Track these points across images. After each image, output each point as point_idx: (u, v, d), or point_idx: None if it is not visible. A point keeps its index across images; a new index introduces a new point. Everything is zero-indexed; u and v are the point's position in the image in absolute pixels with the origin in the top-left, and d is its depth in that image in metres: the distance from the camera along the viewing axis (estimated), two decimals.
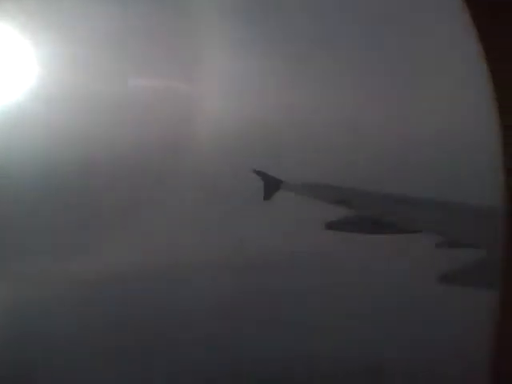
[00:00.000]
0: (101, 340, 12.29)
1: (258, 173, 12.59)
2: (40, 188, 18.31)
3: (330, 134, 20.97)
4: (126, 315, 13.91)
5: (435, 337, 12.01)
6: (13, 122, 19.67)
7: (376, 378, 11.36)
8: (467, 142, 19.43)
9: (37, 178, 18.67)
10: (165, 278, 15.68)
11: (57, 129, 19.95)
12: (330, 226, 8.81)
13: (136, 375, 11.65)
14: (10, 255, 15.91)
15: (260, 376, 11.50)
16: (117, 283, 15.12)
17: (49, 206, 18.03)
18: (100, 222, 18.15)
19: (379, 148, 20.16)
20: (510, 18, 1.39)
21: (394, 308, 13.53)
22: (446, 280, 5.80)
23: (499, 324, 1.70)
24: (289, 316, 13.87)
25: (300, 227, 16.50)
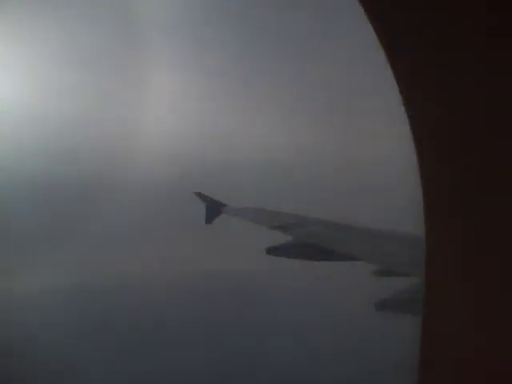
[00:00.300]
0: None
1: (200, 195, 12.59)
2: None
3: (271, 159, 21.33)
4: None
5: (368, 359, 12.29)
6: None
7: None
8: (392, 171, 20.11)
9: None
10: (99, 296, 15.56)
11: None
12: (270, 251, 8.91)
13: None
14: None
15: None
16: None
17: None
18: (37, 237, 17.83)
19: (317, 174, 20.59)
20: None
21: (329, 332, 13.75)
22: (381, 307, 5.98)
23: (422, 349, 1.81)
24: (221, 338, 13.92)
25: (240, 251, 16.57)
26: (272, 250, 8.86)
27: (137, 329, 14.37)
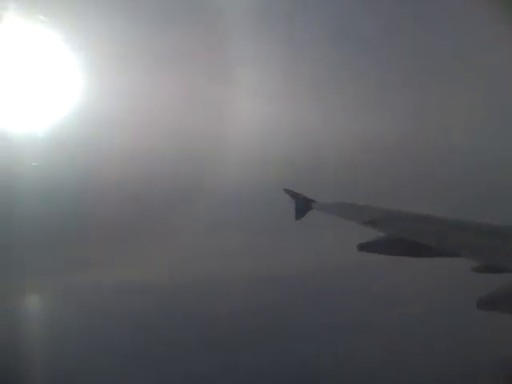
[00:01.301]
0: None
1: (289, 192, 12.51)
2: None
3: (363, 153, 20.86)
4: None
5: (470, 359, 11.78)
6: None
7: None
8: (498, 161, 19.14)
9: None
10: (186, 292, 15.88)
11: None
12: (362, 247, 8.66)
13: None
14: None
15: None
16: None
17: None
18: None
19: (413, 167, 19.93)
20: None
21: (430, 333, 13.28)
22: (483, 305, 5.65)
23: None
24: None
25: (331, 248, 16.36)
26: (364, 247, 8.62)
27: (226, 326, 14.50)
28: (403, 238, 8.08)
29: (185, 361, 13.14)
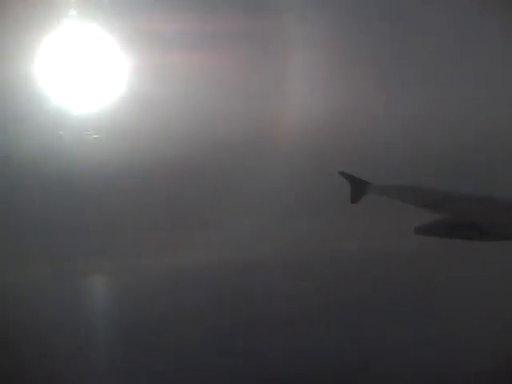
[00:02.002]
0: None
1: (344, 174, 12.41)
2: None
3: (422, 134, 20.38)
4: None
5: None
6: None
7: None
8: None
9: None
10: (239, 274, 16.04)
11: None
12: (420, 230, 8.52)
13: None
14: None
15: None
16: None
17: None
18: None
19: (470, 146, 19.35)
20: None
21: (486, 319, 12.96)
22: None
23: None
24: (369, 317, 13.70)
25: (388, 231, 16.15)
26: (421, 230, 8.48)
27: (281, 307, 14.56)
28: (463, 220, 7.90)
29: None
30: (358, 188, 12.12)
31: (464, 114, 20.24)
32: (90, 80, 18.62)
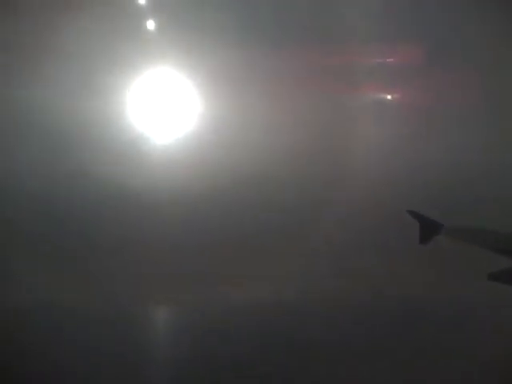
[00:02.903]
0: None
1: (414, 214, 12.09)
2: None
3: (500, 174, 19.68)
4: None
5: None
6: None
7: None
8: None
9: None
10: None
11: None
12: (494, 277, 8.10)
13: None
14: None
15: None
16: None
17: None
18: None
19: None
20: None
21: None
22: None
23: None
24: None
25: (459, 276, 15.52)
26: (495, 276, 8.06)
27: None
28: None
29: None
30: (429, 228, 11.75)
31: None
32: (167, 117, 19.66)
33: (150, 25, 18.79)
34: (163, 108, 20.28)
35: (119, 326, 14.54)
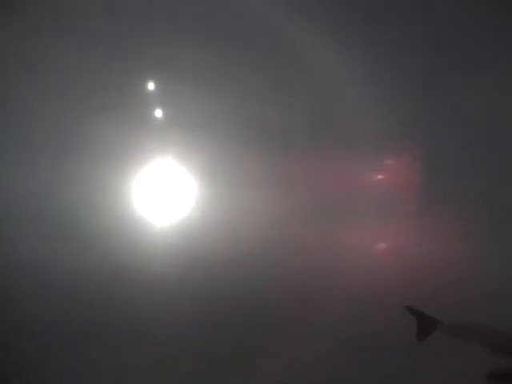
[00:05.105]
0: None
1: (411, 310, 12.02)
2: None
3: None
4: None
5: None
6: None
7: None
8: None
9: None
10: None
11: None
12: (492, 379, 7.96)
13: None
14: None
15: None
16: None
17: None
18: None
19: None
20: None
21: None
22: None
23: None
24: None
25: (458, 376, 15.19)
26: (494, 378, 7.91)
27: None
28: None
29: None
30: (426, 325, 11.64)
31: None
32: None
33: (157, 114, 19.51)
34: (163, 197, 20.86)
35: None
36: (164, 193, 21.47)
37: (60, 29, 19.00)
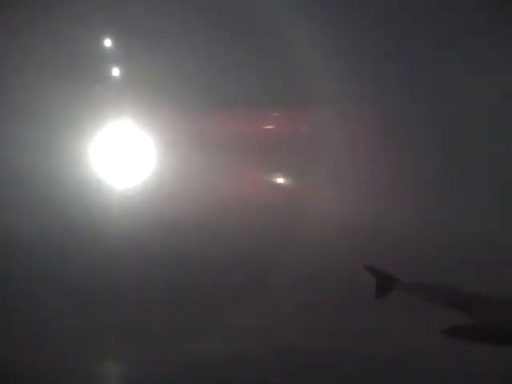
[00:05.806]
0: None
1: (370, 269, 12.28)
2: None
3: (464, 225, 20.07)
4: None
5: None
6: None
7: None
8: None
9: None
10: None
11: None
12: (449, 332, 8.32)
13: None
14: None
15: None
16: None
17: None
18: None
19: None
20: None
21: None
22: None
23: None
24: None
25: (413, 331, 15.74)
26: (451, 332, 8.28)
27: None
28: (498, 325, 7.69)
29: None
30: (384, 284, 11.95)
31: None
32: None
33: (114, 72, 19.11)
34: (120, 158, 20.60)
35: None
36: (121, 153, 21.34)
37: None
